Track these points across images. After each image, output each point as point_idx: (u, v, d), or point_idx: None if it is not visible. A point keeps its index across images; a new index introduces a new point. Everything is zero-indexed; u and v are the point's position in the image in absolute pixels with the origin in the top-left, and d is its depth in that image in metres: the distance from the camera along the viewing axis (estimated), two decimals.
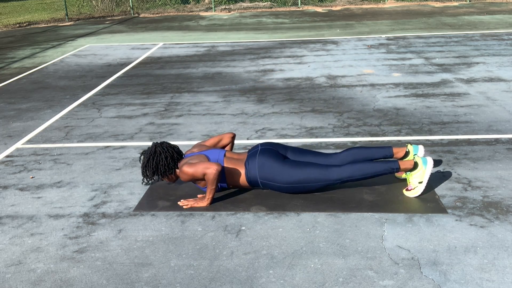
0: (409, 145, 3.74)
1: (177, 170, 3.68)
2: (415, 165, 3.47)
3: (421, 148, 3.71)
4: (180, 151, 3.75)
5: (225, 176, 3.57)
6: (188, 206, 3.50)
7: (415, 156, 3.55)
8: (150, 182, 3.85)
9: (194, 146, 3.81)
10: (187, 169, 3.48)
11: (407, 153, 3.70)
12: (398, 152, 3.69)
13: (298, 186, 3.50)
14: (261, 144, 3.66)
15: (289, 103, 5.94)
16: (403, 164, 3.47)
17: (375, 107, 5.62)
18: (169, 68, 8.28)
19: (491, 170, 3.86)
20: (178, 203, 3.56)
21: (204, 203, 3.50)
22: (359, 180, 3.52)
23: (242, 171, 3.56)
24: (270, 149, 3.60)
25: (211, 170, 3.40)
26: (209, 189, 3.46)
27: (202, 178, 3.49)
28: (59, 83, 7.62)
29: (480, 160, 4.07)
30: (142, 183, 3.87)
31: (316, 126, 5.08)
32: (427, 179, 3.45)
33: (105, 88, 7.16)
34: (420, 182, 3.45)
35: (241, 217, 3.34)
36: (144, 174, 3.70)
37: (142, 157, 3.75)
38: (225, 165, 3.57)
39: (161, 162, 3.63)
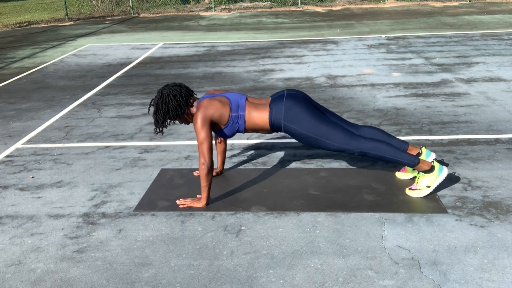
0: (423, 148, 3.72)
1: (193, 109, 3.58)
2: (432, 168, 3.45)
3: (433, 155, 3.70)
4: (188, 88, 3.61)
5: (244, 120, 3.52)
6: (185, 205, 3.50)
7: (434, 160, 3.52)
8: (162, 129, 3.64)
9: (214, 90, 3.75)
10: (197, 120, 3.41)
11: (418, 154, 3.69)
12: (411, 150, 3.67)
13: (318, 139, 3.45)
14: (287, 90, 3.61)
15: None
16: (421, 162, 3.44)
17: (375, 107, 5.62)
18: (169, 68, 8.28)
19: (491, 170, 3.86)
20: (176, 201, 3.56)
21: (200, 203, 3.49)
22: (375, 158, 3.46)
23: (265, 114, 3.50)
24: (297, 94, 3.56)
25: (203, 166, 3.37)
26: (202, 186, 3.44)
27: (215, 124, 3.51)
28: (59, 83, 7.62)
29: (480, 160, 4.07)
30: (155, 133, 3.69)
31: None
32: (435, 186, 3.45)
33: (105, 88, 7.16)
34: (428, 187, 3.44)
35: (241, 217, 3.34)
36: (156, 121, 3.56)
37: (150, 106, 3.64)
38: (246, 108, 3.52)
39: (171, 102, 3.50)
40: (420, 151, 3.70)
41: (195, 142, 4.75)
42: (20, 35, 13.47)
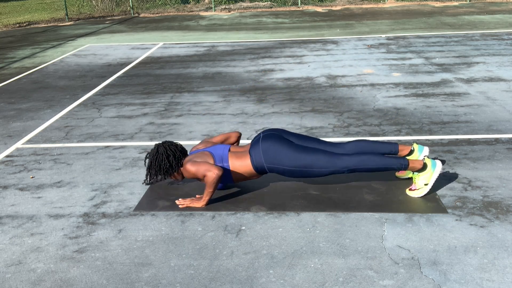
0: (414, 144, 3.72)
1: (182, 168, 3.68)
2: (424, 166, 3.45)
3: (426, 149, 3.69)
4: (184, 149, 3.74)
5: (230, 172, 3.56)
6: (184, 205, 3.50)
7: (425, 158, 3.51)
8: (151, 182, 3.85)
9: (201, 142, 3.83)
10: (189, 168, 3.50)
11: (411, 152, 3.68)
12: (403, 149, 3.67)
13: (304, 170, 3.46)
14: (263, 131, 3.64)
15: (289, 103, 5.94)
16: (412, 163, 3.43)
17: (375, 107, 5.62)
18: (169, 68, 8.28)
19: (491, 170, 3.86)
20: (176, 201, 3.57)
21: (199, 203, 3.50)
22: (365, 171, 3.47)
23: (247, 161, 3.54)
24: (271, 134, 3.57)
25: (211, 173, 3.41)
26: (207, 191, 3.46)
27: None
28: (59, 83, 7.62)
29: (480, 160, 4.07)
30: (143, 183, 3.87)
31: (316, 126, 5.08)
32: (433, 182, 3.44)
33: (105, 88, 7.16)
34: (426, 184, 3.44)
35: (241, 217, 3.34)
36: (148, 175, 3.72)
37: (146, 159, 3.77)
38: (229, 160, 3.56)
39: (164, 162, 3.62)
40: (412, 148, 3.69)
41: (195, 142, 4.75)
42: (20, 35, 13.47)
